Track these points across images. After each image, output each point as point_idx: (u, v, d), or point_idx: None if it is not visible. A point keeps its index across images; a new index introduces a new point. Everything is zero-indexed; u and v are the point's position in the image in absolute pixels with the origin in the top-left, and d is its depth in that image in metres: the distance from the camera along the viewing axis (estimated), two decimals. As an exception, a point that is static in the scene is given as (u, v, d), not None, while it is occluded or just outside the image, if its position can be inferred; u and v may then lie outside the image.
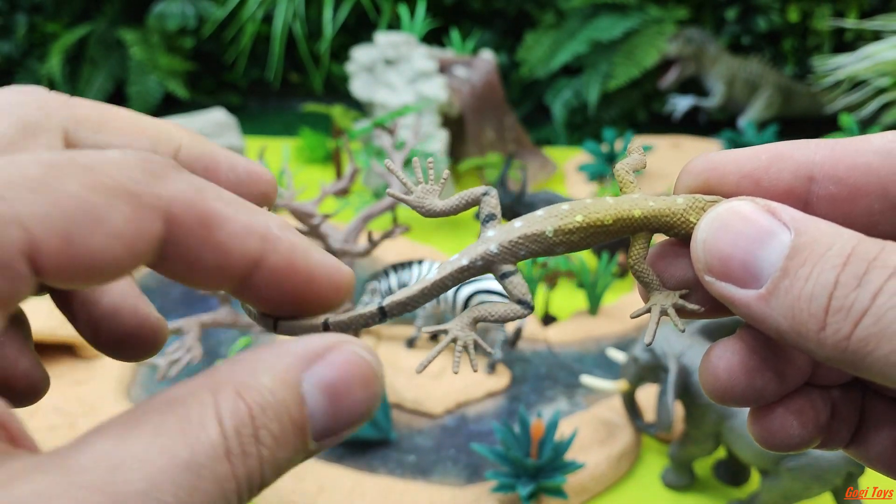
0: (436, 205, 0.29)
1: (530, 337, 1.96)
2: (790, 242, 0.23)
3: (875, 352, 0.20)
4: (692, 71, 3.24)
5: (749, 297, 0.23)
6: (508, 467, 1.40)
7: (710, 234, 0.24)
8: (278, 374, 0.21)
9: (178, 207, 0.21)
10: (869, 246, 0.21)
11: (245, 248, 0.22)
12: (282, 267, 0.23)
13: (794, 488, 1.37)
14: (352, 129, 2.73)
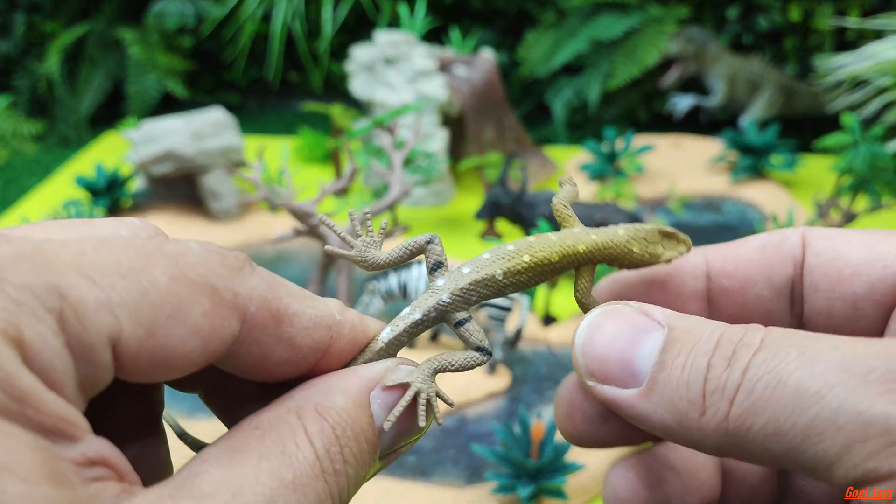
0: (378, 257, 0.29)
1: (530, 337, 1.95)
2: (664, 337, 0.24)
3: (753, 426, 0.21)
4: (693, 70, 3.23)
5: (632, 397, 0.24)
6: (509, 468, 1.39)
7: (587, 339, 0.25)
8: (350, 395, 0.23)
9: (254, 305, 0.22)
10: (735, 330, 0.23)
11: (314, 341, 0.24)
12: (346, 349, 0.25)
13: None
14: (351, 129, 2.72)
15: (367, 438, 0.22)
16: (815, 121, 3.37)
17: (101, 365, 0.19)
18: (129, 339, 0.19)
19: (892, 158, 2.20)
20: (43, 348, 0.18)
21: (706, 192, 2.79)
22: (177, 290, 0.20)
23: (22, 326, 0.17)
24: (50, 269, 0.18)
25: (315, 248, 2.36)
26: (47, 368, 0.18)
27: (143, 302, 0.19)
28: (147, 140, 2.39)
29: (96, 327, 0.18)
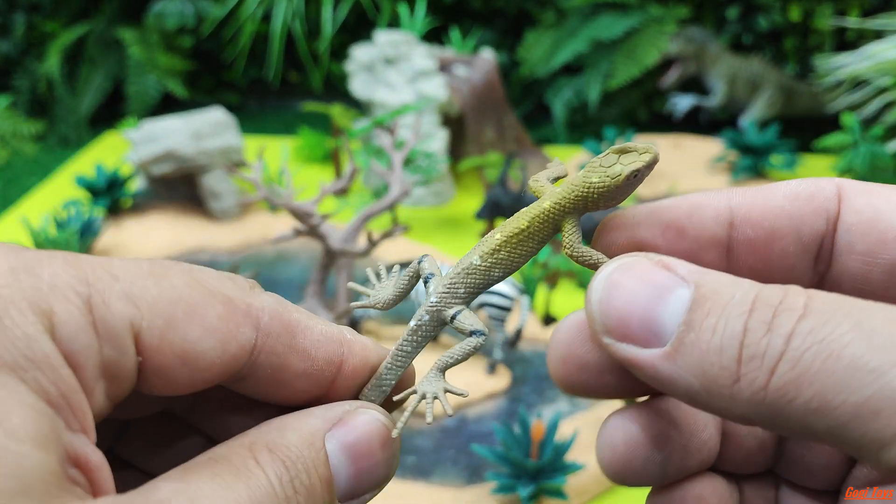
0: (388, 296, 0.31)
1: (531, 337, 1.95)
2: (691, 295, 0.22)
3: (796, 399, 0.19)
4: (693, 70, 3.23)
5: (654, 357, 0.22)
6: (509, 468, 1.39)
7: (604, 295, 0.24)
8: (304, 435, 0.23)
9: (267, 316, 0.23)
10: (772, 291, 0.21)
11: (328, 353, 0.25)
12: (359, 367, 0.26)
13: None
14: (351, 129, 2.71)
15: (321, 475, 0.23)
16: (815, 121, 3.37)
17: (125, 349, 0.20)
18: (149, 329, 0.20)
19: (892, 158, 2.20)
20: (69, 322, 0.19)
21: (706, 192, 2.79)
22: (193, 294, 0.21)
23: (52, 303, 0.19)
24: (80, 265, 0.20)
25: (315, 248, 2.36)
26: (71, 342, 0.19)
27: (161, 298, 0.21)
28: (147, 140, 2.39)
29: (119, 313, 0.20)
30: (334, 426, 0.24)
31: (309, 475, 0.22)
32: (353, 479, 0.23)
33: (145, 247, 2.36)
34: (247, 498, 0.20)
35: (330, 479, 0.23)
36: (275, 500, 0.21)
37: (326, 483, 0.23)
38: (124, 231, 2.42)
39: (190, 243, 2.38)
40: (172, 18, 3.29)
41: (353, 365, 0.25)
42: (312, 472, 0.22)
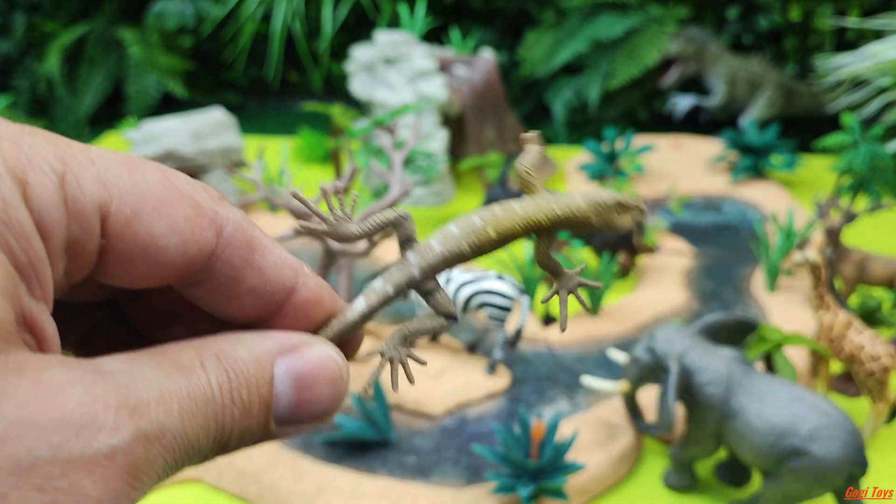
0: (350, 229, 0.30)
1: (531, 337, 1.95)
2: None
3: None
4: (693, 70, 3.23)
5: None
6: (509, 468, 1.39)
7: None
8: (255, 352, 0.23)
9: (230, 226, 0.23)
10: None
11: (282, 277, 0.24)
12: (311, 300, 0.25)
13: (795, 489, 1.36)
14: (351, 129, 2.71)
15: (261, 394, 0.22)
16: (815, 121, 3.37)
17: (90, 230, 0.20)
18: (116, 215, 0.21)
19: (892, 158, 2.20)
20: (43, 194, 0.19)
21: (706, 192, 2.79)
22: (163, 191, 0.22)
23: (28, 174, 0.19)
24: (59, 144, 0.20)
25: (315, 248, 2.36)
26: (43, 214, 0.19)
27: (132, 189, 0.21)
28: (147, 140, 2.39)
29: (91, 194, 0.20)
30: (288, 352, 0.23)
31: (249, 391, 0.22)
32: (293, 406, 0.23)
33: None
34: (185, 392, 0.20)
35: (269, 401, 0.23)
36: (210, 402, 0.21)
37: (265, 403, 0.22)
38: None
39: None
40: (172, 18, 3.29)
41: (306, 297, 0.25)
42: (254, 390, 0.22)
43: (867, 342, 1.62)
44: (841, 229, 2.02)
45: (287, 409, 0.23)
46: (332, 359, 0.24)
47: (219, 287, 0.24)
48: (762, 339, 1.62)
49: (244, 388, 0.22)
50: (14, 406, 0.17)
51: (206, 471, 1.53)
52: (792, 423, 1.33)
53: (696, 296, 2.19)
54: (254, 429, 0.22)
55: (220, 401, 0.21)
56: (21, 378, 0.18)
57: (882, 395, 1.62)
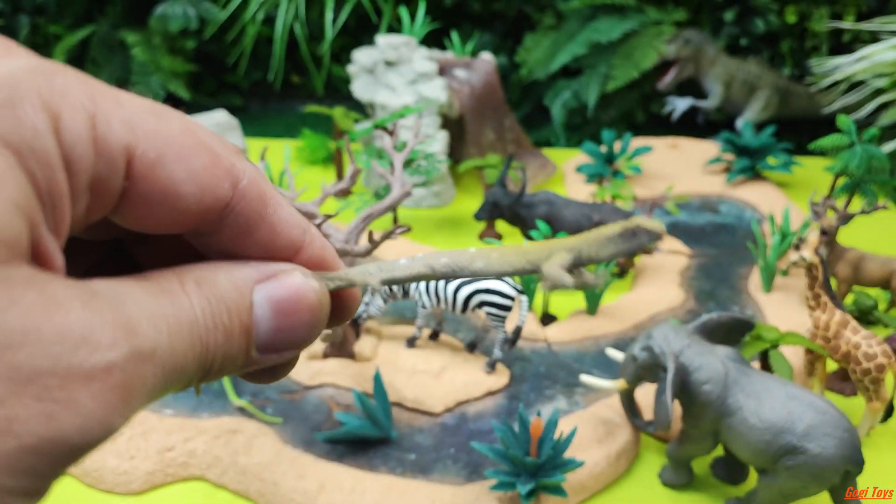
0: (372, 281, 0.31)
1: (530, 336, 1.97)
2: None
3: None
4: (690, 72, 3.25)
5: None
6: (508, 465, 1.41)
7: None
8: (234, 279, 0.23)
9: (246, 179, 0.23)
10: None
11: (291, 234, 0.25)
12: (315, 259, 0.26)
13: (791, 487, 1.37)
14: (353, 131, 2.74)
15: (241, 320, 0.23)
16: (811, 122, 3.39)
17: (116, 170, 0.21)
18: (141, 158, 0.21)
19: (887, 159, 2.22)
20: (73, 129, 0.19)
21: (703, 193, 2.80)
22: (186, 139, 0.22)
23: (61, 108, 0.19)
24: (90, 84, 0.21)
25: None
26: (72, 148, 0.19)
27: (157, 134, 0.21)
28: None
29: (119, 135, 0.20)
30: (266, 279, 0.24)
31: (230, 317, 0.22)
32: (273, 332, 0.23)
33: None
34: (173, 313, 0.21)
35: (249, 327, 0.23)
36: (195, 325, 0.21)
37: (245, 329, 0.23)
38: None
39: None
40: (176, 21, 3.31)
41: (311, 255, 0.25)
42: (234, 316, 0.23)
43: (863, 341, 1.63)
44: (837, 229, 2.04)
45: (267, 335, 0.23)
46: (311, 286, 0.24)
47: (230, 239, 0.24)
48: (758, 337, 1.64)
49: (224, 314, 0.22)
50: (18, 315, 0.17)
51: (209, 468, 1.55)
52: (788, 421, 1.34)
53: (692, 295, 2.20)
54: (235, 354, 0.23)
55: (203, 324, 0.22)
56: (27, 290, 0.18)
57: (877, 393, 1.64)
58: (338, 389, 1.76)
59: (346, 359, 1.82)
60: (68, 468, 0.19)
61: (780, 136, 3.14)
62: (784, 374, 1.57)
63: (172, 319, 0.21)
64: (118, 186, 0.21)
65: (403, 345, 1.86)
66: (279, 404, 1.71)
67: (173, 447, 1.55)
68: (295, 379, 1.79)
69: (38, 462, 0.18)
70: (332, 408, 1.71)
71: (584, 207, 2.23)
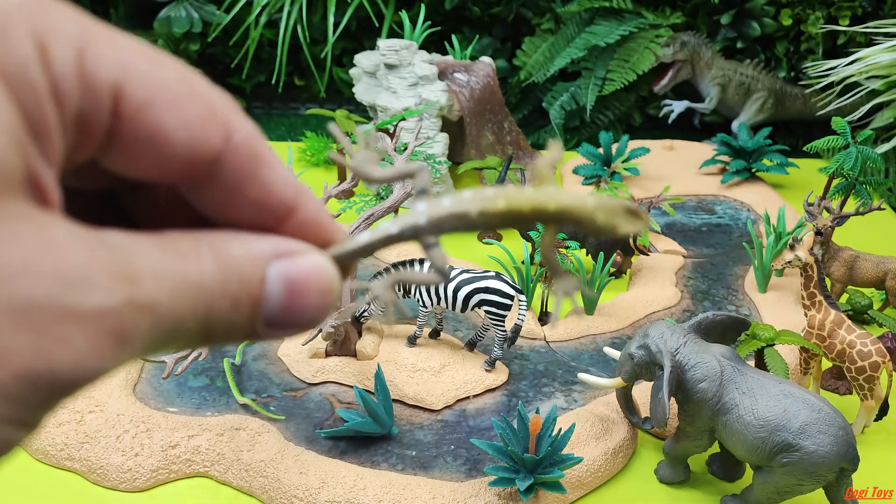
0: (373, 172, 0.31)
1: (528, 334, 1.99)
2: None
3: None
4: (687, 75, 3.28)
5: None
6: (507, 462, 1.43)
7: None
8: (250, 250, 0.23)
9: (240, 135, 0.23)
10: None
11: (284, 194, 0.24)
12: (309, 222, 0.25)
13: (786, 483, 1.39)
14: (354, 133, 2.76)
15: (251, 291, 0.22)
16: (806, 124, 3.43)
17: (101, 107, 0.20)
18: (129, 98, 0.20)
19: (882, 161, 2.25)
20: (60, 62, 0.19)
21: (699, 195, 2.83)
22: (180, 86, 0.21)
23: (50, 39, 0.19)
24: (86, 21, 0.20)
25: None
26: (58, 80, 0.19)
27: (150, 77, 0.21)
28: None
29: (108, 73, 0.20)
30: (283, 256, 0.23)
31: (240, 286, 0.22)
32: (282, 309, 0.23)
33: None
34: (181, 273, 0.20)
35: (258, 299, 0.23)
36: (202, 289, 0.21)
37: (253, 300, 0.22)
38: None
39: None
40: (179, 24, 3.35)
41: (305, 216, 0.25)
42: (244, 286, 0.22)
43: (858, 340, 1.65)
44: (832, 230, 2.06)
45: (276, 310, 0.23)
46: (326, 269, 0.24)
47: (222, 194, 0.23)
48: (754, 336, 1.66)
49: (234, 283, 0.22)
50: (16, 250, 0.17)
51: (213, 465, 1.57)
52: (783, 419, 1.35)
53: (688, 295, 2.23)
54: (240, 324, 0.22)
55: (210, 289, 0.21)
56: (27, 226, 0.18)
57: (872, 392, 1.66)
58: (340, 387, 1.79)
59: (348, 357, 1.85)
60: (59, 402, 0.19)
61: (776, 138, 3.17)
62: (779, 372, 1.59)
63: (179, 278, 0.21)
64: (104, 124, 0.20)
65: (404, 343, 1.89)
66: (282, 401, 1.73)
67: (177, 444, 1.57)
68: (298, 377, 1.82)
69: (30, 392, 0.18)
70: (335, 405, 1.73)
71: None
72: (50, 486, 1.54)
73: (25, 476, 1.56)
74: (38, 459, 1.59)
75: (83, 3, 3.56)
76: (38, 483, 1.54)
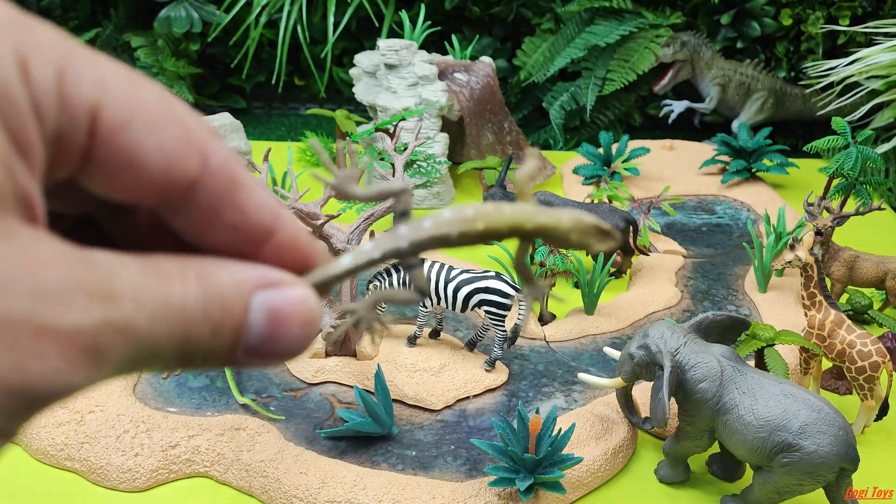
0: (354, 191, 0.31)
1: (528, 334, 1.99)
2: None
3: None
4: (687, 75, 3.28)
5: None
6: (507, 462, 1.43)
7: None
8: (236, 278, 0.23)
9: (217, 160, 0.24)
10: None
11: (261, 218, 0.25)
12: (288, 245, 0.26)
13: (787, 484, 1.39)
14: (354, 133, 2.77)
15: (233, 318, 0.23)
16: (806, 124, 3.43)
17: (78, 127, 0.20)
18: (107, 120, 0.21)
19: (882, 161, 2.25)
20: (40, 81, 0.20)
21: (699, 194, 2.83)
22: (158, 110, 0.22)
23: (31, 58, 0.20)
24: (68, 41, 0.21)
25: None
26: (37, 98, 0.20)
27: (127, 99, 0.21)
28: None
29: (87, 93, 0.20)
30: (268, 286, 0.24)
31: (223, 312, 0.23)
32: (264, 338, 0.24)
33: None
34: (160, 296, 0.21)
35: (240, 326, 0.23)
36: (181, 313, 0.22)
37: (235, 327, 0.23)
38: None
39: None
40: (180, 24, 3.35)
41: (283, 239, 0.25)
42: (227, 312, 0.23)
43: (858, 340, 1.65)
44: (832, 230, 2.06)
45: (258, 339, 0.23)
46: (309, 301, 0.24)
47: (199, 218, 0.24)
48: (754, 336, 1.66)
49: (218, 309, 0.22)
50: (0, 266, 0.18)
51: (213, 465, 1.57)
52: (783, 419, 1.35)
53: (688, 295, 2.23)
54: (220, 350, 0.23)
55: (191, 314, 0.22)
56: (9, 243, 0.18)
57: (872, 392, 1.66)
58: (340, 387, 1.79)
59: (348, 357, 1.85)
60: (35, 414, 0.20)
61: (776, 138, 3.17)
62: (779, 372, 1.59)
63: (158, 301, 0.21)
64: (81, 144, 0.21)
65: (404, 343, 1.89)
66: (282, 401, 1.73)
67: (177, 444, 1.57)
68: (298, 377, 1.82)
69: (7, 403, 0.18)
70: (335, 405, 1.73)
71: (582, 208, 2.26)
72: (50, 486, 1.54)
73: (25, 476, 1.56)
74: (38, 459, 1.59)
75: (83, 4, 3.56)
76: (38, 483, 1.54)
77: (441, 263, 1.86)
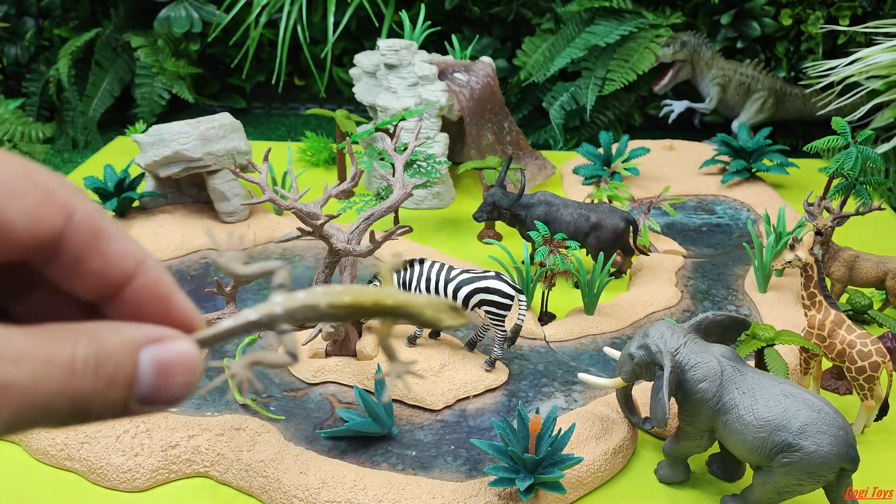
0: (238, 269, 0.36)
1: (528, 335, 1.99)
2: None
3: None
4: (687, 75, 3.29)
5: None
6: (507, 462, 1.43)
7: None
8: (125, 338, 0.28)
9: (79, 214, 0.28)
10: None
11: (122, 264, 0.30)
12: (147, 289, 0.30)
13: (786, 483, 1.39)
14: (354, 133, 2.77)
15: (125, 373, 0.27)
16: (806, 124, 3.43)
17: None
18: None
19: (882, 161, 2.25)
20: None
21: (699, 194, 2.83)
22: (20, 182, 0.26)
23: None
24: None
25: (320, 248, 2.40)
26: None
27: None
28: (155, 143, 2.44)
29: None
30: (155, 342, 0.28)
31: (116, 368, 0.27)
32: (153, 388, 0.28)
33: (154, 247, 2.40)
34: (44, 357, 0.25)
35: (132, 379, 0.27)
36: (69, 371, 0.25)
37: (128, 381, 0.27)
38: (132, 232, 2.47)
39: (197, 244, 2.43)
40: (180, 24, 3.35)
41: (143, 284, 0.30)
42: (120, 369, 0.27)
43: (858, 340, 1.65)
44: (832, 230, 2.06)
45: (147, 389, 0.28)
46: (191, 353, 0.29)
47: (67, 265, 0.28)
48: (754, 336, 1.66)
49: (110, 366, 0.26)
50: None
51: (213, 465, 1.57)
52: (783, 419, 1.35)
53: (688, 295, 2.23)
54: (115, 402, 0.27)
55: (81, 372, 0.26)
56: None
57: (872, 392, 1.66)
58: (340, 387, 1.79)
59: (348, 357, 1.85)
60: None
61: (776, 138, 3.17)
62: (779, 372, 1.59)
63: (42, 362, 0.24)
64: None
65: (404, 343, 1.89)
66: (282, 402, 1.73)
67: (177, 444, 1.57)
68: (298, 377, 1.82)
69: None
70: (335, 405, 1.73)
71: (582, 208, 2.26)
72: (50, 486, 1.54)
73: (25, 476, 1.56)
74: (38, 459, 1.59)
75: (83, 4, 3.56)
76: (38, 483, 1.54)
77: (441, 264, 1.86)
